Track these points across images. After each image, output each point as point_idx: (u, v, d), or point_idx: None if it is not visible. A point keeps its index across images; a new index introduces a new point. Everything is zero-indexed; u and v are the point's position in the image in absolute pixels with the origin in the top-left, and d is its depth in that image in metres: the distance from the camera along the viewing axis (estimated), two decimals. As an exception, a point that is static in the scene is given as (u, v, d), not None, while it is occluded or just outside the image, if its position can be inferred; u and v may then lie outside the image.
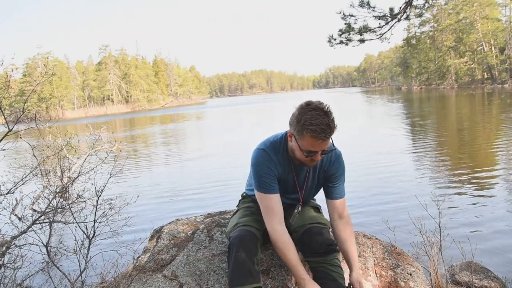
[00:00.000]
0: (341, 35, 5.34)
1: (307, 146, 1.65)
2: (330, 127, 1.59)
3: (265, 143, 1.84)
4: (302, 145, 1.66)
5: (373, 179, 7.26)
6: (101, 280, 3.17)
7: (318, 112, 1.60)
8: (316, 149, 1.65)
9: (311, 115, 1.60)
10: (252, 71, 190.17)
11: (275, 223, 1.75)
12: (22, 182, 3.16)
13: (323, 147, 1.65)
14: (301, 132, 1.63)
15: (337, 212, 1.89)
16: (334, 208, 1.89)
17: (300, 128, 1.63)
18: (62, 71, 67.87)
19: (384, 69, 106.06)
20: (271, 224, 1.75)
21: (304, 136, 1.63)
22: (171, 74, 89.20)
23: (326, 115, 1.60)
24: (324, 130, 1.58)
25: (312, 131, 1.59)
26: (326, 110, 1.61)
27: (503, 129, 12.37)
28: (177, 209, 6.42)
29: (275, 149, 1.81)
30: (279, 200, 1.80)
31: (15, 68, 62.48)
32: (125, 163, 10.48)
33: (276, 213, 1.76)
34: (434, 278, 2.69)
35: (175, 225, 2.46)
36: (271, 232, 1.74)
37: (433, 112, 21.75)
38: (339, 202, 1.89)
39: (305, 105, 1.64)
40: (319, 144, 1.63)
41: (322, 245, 1.79)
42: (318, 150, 1.65)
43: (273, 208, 1.77)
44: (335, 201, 1.89)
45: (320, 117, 1.58)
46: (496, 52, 47.32)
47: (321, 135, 1.59)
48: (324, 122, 1.58)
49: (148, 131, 25.52)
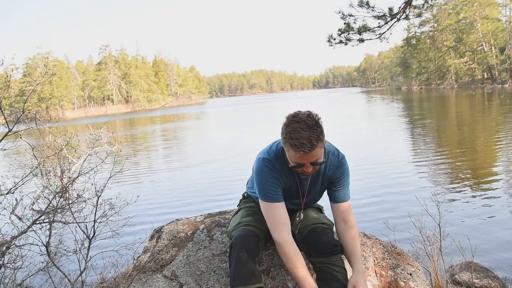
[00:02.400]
0: (340, 35, 5.33)
1: (292, 158, 1.63)
2: (310, 141, 1.54)
3: (269, 152, 1.80)
4: (289, 156, 1.65)
5: (373, 179, 7.26)
6: (101, 280, 3.17)
7: (301, 125, 1.55)
8: (301, 162, 1.61)
9: (292, 128, 1.57)
10: (252, 71, 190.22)
11: (284, 233, 1.71)
12: (22, 182, 3.15)
13: (308, 160, 1.60)
14: (284, 144, 1.62)
15: (341, 216, 1.86)
16: (338, 212, 1.87)
17: (283, 140, 1.62)
18: (62, 71, 67.84)
19: (384, 69, 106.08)
20: (279, 235, 1.71)
21: (288, 149, 1.61)
22: (171, 74, 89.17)
23: (308, 128, 1.55)
24: (303, 145, 1.54)
25: (292, 145, 1.56)
26: (310, 123, 1.56)
27: (503, 129, 12.37)
28: (177, 209, 6.42)
29: (278, 158, 1.78)
30: (285, 209, 1.77)
31: (15, 68, 62.51)
32: (125, 163, 10.48)
33: (283, 223, 1.73)
34: (434, 278, 2.70)
35: (175, 225, 2.46)
36: (281, 243, 1.70)
37: (433, 112, 21.75)
38: (343, 206, 1.86)
39: (291, 117, 1.61)
40: (302, 157, 1.59)
41: (327, 246, 1.79)
42: (304, 162, 1.61)
43: (280, 218, 1.73)
44: (339, 204, 1.86)
45: (301, 131, 1.54)
46: (496, 52, 47.33)
47: (300, 149, 1.55)
48: (305, 136, 1.53)
49: (148, 130, 25.52)
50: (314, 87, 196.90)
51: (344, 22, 5.19)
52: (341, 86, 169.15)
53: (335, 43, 5.40)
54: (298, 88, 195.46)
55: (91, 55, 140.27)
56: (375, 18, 5.02)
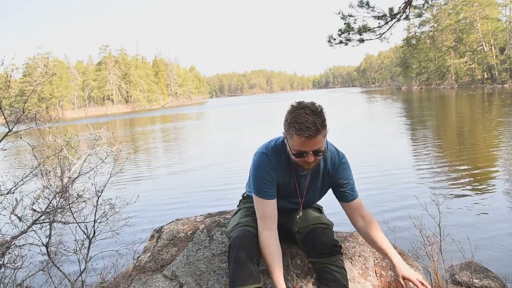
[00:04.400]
0: (340, 35, 5.34)
1: (295, 146, 1.63)
2: (315, 125, 1.56)
3: (267, 147, 1.81)
4: (291, 144, 1.65)
5: (373, 179, 7.27)
6: (101, 280, 3.17)
7: (305, 111, 1.58)
8: (304, 149, 1.61)
9: (297, 113, 1.59)
10: (252, 71, 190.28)
11: (265, 228, 1.75)
12: (22, 182, 3.15)
13: (311, 147, 1.61)
14: (288, 130, 1.62)
15: (357, 213, 1.85)
16: (352, 210, 1.86)
17: (287, 126, 1.62)
18: (62, 71, 67.85)
19: (384, 69, 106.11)
20: (263, 227, 1.76)
21: (292, 135, 1.61)
22: (171, 74, 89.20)
23: (313, 113, 1.57)
24: (309, 128, 1.55)
25: (297, 129, 1.57)
26: (314, 109, 1.59)
27: (503, 129, 12.37)
28: (177, 209, 6.42)
29: (276, 153, 1.78)
30: (275, 207, 1.79)
31: (15, 68, 62.55)
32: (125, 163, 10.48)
33: (269, 216, 1.76)
34: (434, 278, 2.69)
35: (175, 225, 2.46)
36: (260, 237, 1.74)
37: (433, 112, 21.74)
38: (355, 204, 1.85)
39: (296, 104, 1.64)
40: (305, 143, 1.59)
41: (327, 246, 1.78)
42: (307, 150, 1.61)
43: (267, 214, 1.76)
44: (351, 203, 1.85)
45: (306, 116, 1.56)
46: (496, 52, 47.35)
47: (305, 133, 1.55)
48: (310, 120, 1.55)
49: (148, 130, 25.51)
50: (314, 87, 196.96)
51: (344, 22, 5.20)
52: (341, 86, 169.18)
53: (335, 43, 5.41)
54: (298, 88, 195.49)
55: (91, 55, 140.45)
56: (375, 18, 5.03)
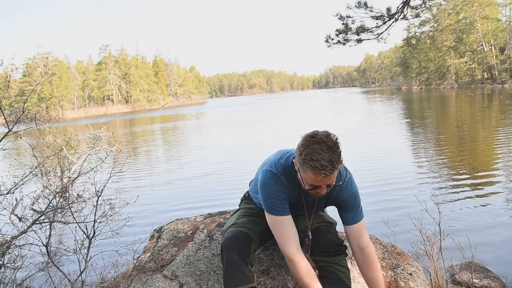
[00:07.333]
0: (338, 35, 5.35)
1: (308, 180, 1.56)
2: (332, 163, 1.48)
3: (276, 166, 1.73)
4: (305, 178, 1.58)
5: (373, 179, 7.26)
6: (101, 280, 3.18)
7: (321, 147, 1.49)
8: (318, 184, 1.55)
9: (313, 149, 1.50)
10: (252, 71, 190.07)
11: (292, 247, 1.67)
12: (22, 182, 3.15)
13: (326, 182, 1.55)
14: (303, 166, 1.54)
15: (355, 241, 1.77)
16: (351, 235, 1.78)
17: (301, 161, 1.54)
18: (62, 71, 67.81)
19: (384, 69, 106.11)
20: (288, 249, 1.67)
21: (306, 171, 1.54)
22: (171, 74, 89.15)
23: (329, 149, 1.48)
24: (325, 167, 1.47)
25: (312, 167, 1.49)
26: (330, 144, 1.50)
27: (503, 129, 12.36)
28: (177, 209, 6.41)
29: (285, 173, 1.71)
30: (292, 222, 1.71)
31: (15, 68, 62.64)
32: (125, 163, 10.49)
33: (291, 237, 1.68)
34: (434, 278, 2.70)
35: (175, 225, 2.46)
36: (291, 258, 1.66)
37: (433, 112, 21.75)
38: (354, 228, 1.77)
39: (309, 137, 1.54)
40: (321, 180, 1.52)
41: (331, 244, 1.78)
42: (321, 184, 1.56)
43: (288, 233, 1.68)
44: (350, 227, 1.78)
45: (322, 152, 1.48)
46: (496, 52, 47.34)
47: (322, 172, 1.48)
48: (326, 157, 1.47)
49: (148, 130, 25.51)
50: (314, 87, 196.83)
51: (342, 23, 5.20)
52: (341, 86, 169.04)
53: (333, 43, 5.41)
54: (298, 88, 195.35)
55: (91, 55, 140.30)
56: (373, 19, 5.04)
